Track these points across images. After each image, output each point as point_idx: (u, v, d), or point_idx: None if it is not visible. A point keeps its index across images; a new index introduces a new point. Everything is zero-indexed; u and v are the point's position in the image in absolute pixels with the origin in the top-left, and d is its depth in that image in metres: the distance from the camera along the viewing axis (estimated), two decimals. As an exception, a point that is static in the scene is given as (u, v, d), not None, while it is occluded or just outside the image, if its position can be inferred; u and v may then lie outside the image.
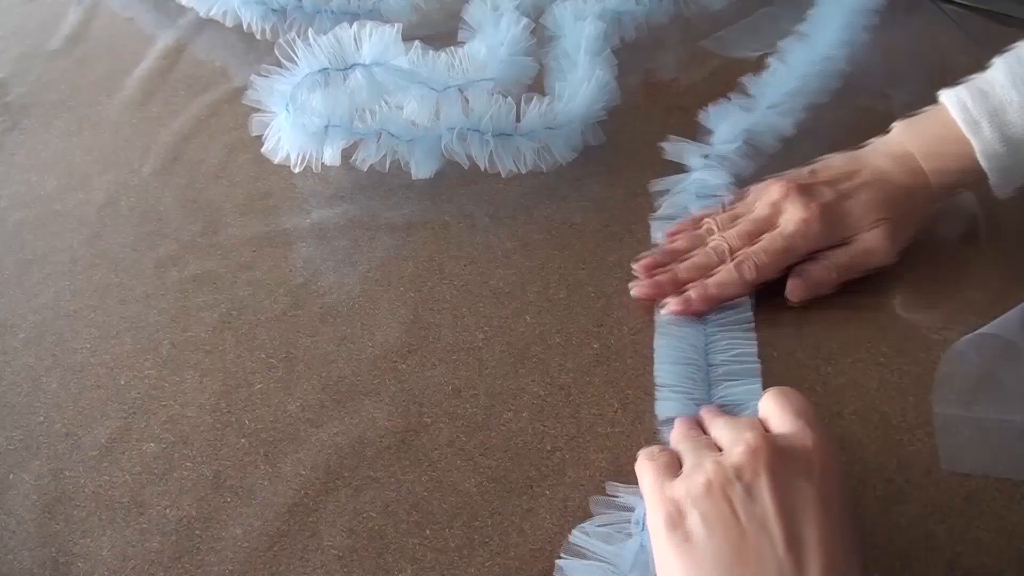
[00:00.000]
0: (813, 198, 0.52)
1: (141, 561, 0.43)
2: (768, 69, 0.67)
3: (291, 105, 0.61)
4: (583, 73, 0.66)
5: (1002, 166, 0.51)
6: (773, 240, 0.52)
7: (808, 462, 0.36)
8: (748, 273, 0.52)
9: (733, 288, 0.52)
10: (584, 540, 0.42)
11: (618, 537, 0.42)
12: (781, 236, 0.52)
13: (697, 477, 0.36)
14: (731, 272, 0.52)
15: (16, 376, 0.52)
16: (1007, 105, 0.50)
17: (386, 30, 0.61)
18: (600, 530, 0.42)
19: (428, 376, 0.51)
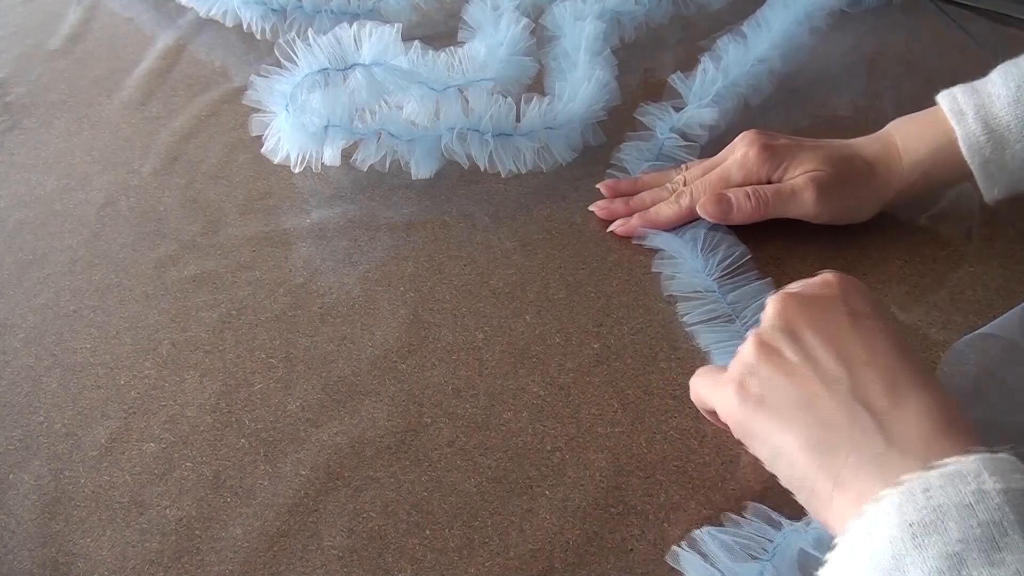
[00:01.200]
0: (764, 139, 0.56)
1: (141, 561, 0.43)
2: (699, 68, 0.67)
3: (291, 105, 0.61)
4: (583, 73, 0.66)
5: (983, 158, 0.52)
6: (713, 171, 0.57)
7: (832, 294, 0.39)
8: (683, 199, 0.57)
9: (668, 212, 0.57)
10: (708, 541, 0.41)
11: (741, 555, 0.40)
12: (720, 167, 0.57)
13: (745, 351, 0.39)
14: (670, 200, 0.58)
15: (16, 376, 0.52)
16: (995, 100, 0.51)
17: (386, 30, 0.61)
18: (725, 539, 0.41)
19: (428, 376, 0.51)
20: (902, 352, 0.36)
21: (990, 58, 0.53)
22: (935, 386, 0.36)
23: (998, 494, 0.30)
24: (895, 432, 0.34)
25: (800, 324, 0.38)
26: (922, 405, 0.35)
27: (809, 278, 0.40)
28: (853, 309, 0.38)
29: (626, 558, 0.42)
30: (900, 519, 0.31)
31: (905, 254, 0.57)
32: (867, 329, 0.37)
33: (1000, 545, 0.29)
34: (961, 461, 0.32)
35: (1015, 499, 0.30)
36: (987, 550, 0.29)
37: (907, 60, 0.74)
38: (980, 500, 0.30)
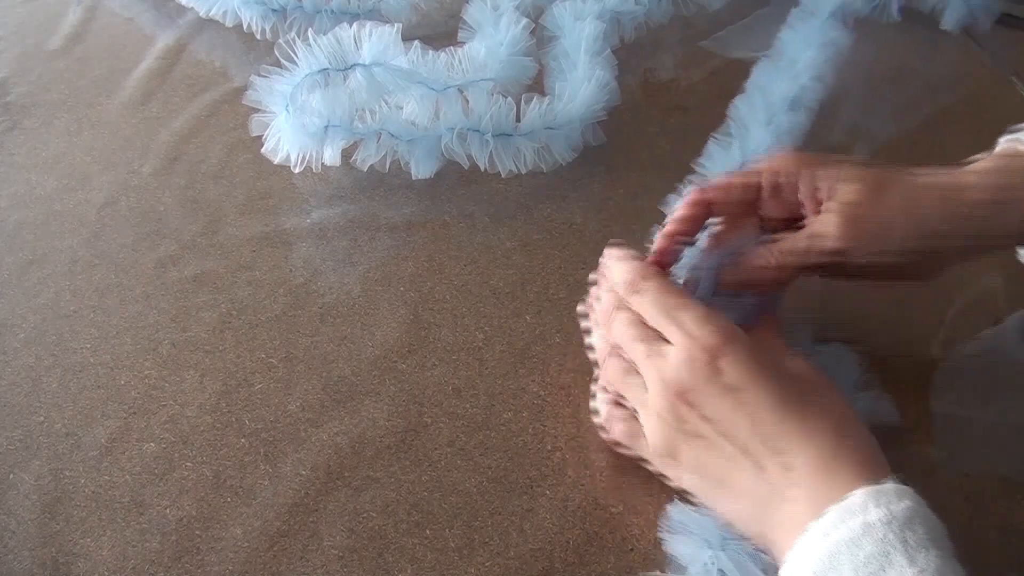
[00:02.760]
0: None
1: (141, 561, 0.43)
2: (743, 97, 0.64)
3: (291, 105, 0.61)
4: (583, 73, 0.66)
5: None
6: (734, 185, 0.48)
7: (703, 375, 0.39)
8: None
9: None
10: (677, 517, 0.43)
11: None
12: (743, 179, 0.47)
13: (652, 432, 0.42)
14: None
15: (16, 376, 0.52)
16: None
17: (386, 30, 0.61)
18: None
19: (428, 376, 0.51)
20: (784, 410, 0.38)
21: (989, 57, 0.53)
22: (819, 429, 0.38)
23: (882, 522, 0.33)
24: (791, 495, 0.37)
25: (689, 420, 0.40)
26: (808, 459, 0.37)
27: (676, 352, 0.40)
28: (728, 386, 0.39)
29: (626, 558, 0.42)
30: (807, 566, 0.34)
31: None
32: (744, 402, 0.39)
33: (887, 569, 0.32)
34: (851, 498, 0.34)
35: (898, 523, 0.33)
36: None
37: (901, 65, 0.74)
38: (866, 532, 0.33)
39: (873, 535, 0.33)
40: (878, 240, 0.43)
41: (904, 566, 0.32)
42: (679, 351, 0.40)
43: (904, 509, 0.33)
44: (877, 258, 0.43)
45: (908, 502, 0.34)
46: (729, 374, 0.39)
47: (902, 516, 0.33)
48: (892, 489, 0.34)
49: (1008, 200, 0.43)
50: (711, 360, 0.39)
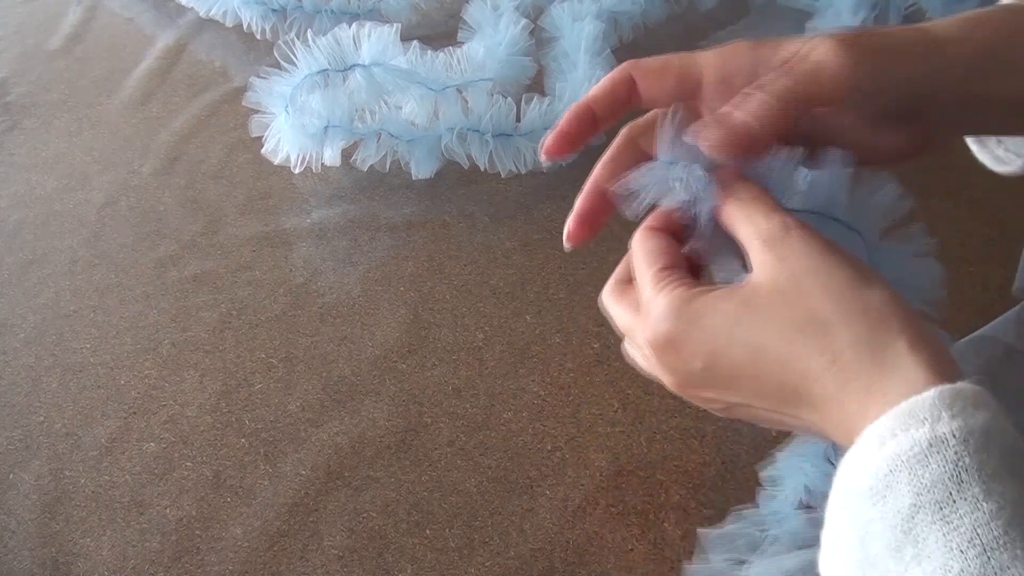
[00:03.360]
0: None
1: (141, 561, 0.43)
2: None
3: (291, 107, 0.61)
4: (583, 73, 0.66)
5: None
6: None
7: (685, 383, 0.34)
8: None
9: None
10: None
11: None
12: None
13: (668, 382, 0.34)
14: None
15: (16, 376, 0.52)
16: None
17: (385, 30, 0.61)
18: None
19: (428, 376, 0.51)
20: (791, 365, 0.32)
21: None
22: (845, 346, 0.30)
23: (955, 438, 0.27)
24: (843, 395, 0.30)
25: (707, 403, 0.34)
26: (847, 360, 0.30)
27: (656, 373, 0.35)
28: (717, 385, 0.34)
29: (626, 558, 0.42)
30: (861, 480, 0.28)
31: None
32: (743, 389, 0.33)
33: (956, 500, 0.26)
34: (917, 399, 0.28)
35: (975, 441, 0.27)
36: (941, 506, 0.26)
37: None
38: (934, 447, 0.27)
39: (944, 453, 0.27)
40: (888, 61, 0.35)
41: (979, 499, 0.26)
42: (643, 327, 0.34)
43: (982, 423, 0.27)
44: (888, 87, 0.35)
45: (985, 413, 0.27)
46: (688, 364, 0.33)
47: (979, 432, 0.27)
48: (969, 393, 0.28)
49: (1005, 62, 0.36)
50: (664, 350, 0.34)
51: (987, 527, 0.25)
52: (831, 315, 0.31)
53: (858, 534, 0.28)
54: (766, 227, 0.33)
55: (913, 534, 0.26)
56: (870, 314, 0.30)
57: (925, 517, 0.26)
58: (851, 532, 0.28)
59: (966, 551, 0.25)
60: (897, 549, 0.27)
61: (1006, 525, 0.25)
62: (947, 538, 0.26)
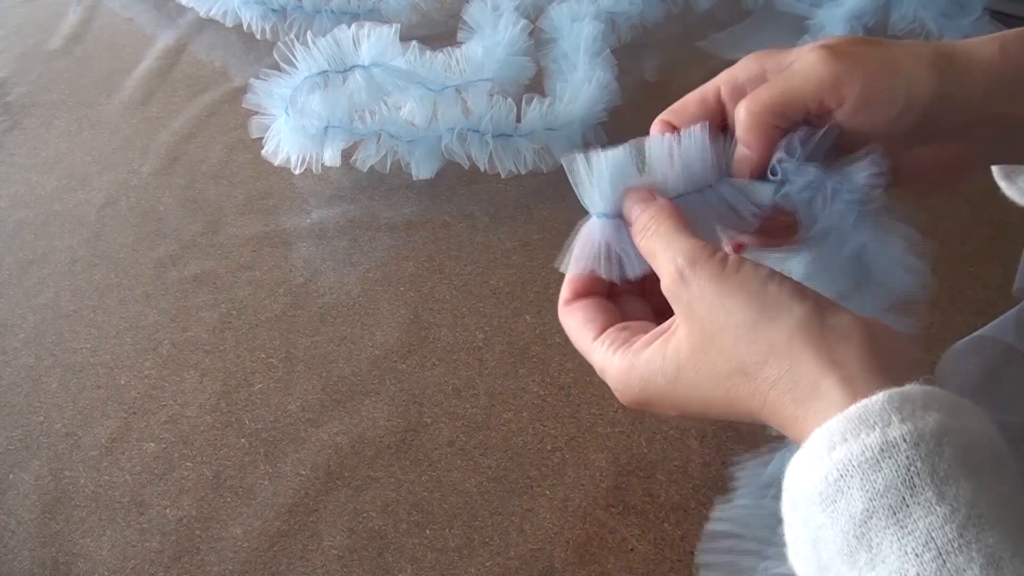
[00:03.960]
0: None
1: (141, 561, 0.43)
2: None
3: (291, 108, 0.61)
4: (583, 74, 0.66)
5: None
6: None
7: (642, 407, 0.36)
8: None
9: None
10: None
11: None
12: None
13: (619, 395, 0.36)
14: None
15: (16, 376, 0.52)
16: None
17: (384, 31, 0.61)
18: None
19: (428, 376, 0.51)
20: (738, 378, 0.33)
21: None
22: (794, 350, 0.31)
23: (905, 441, 0.26)
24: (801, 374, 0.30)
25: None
26: (800, 367, 0.31)
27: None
28: (670, 409, 0.36)
29: (626, 558, 0.42)
30: (810, 485, 0.28)
31: (905, 254, 0.57)
32: (694, 411, 0.35)
33: (909, 504, 0.26)
34: (867, 402, 0.27)
35: (926, 445, 0.26)
36: (894, 511, 0.26)
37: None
38: (886, 452, 0.26)
39: (896, 458, 0.26)
40: (881, 75, 0.35)
41: (932, 503, 0.26)
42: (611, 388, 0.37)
43: (932, 425, 0.27)
44: (885, 103, 0.35)
45: (936, 415, 0.27)
46: (664, 414, 0.36)
47: (930, 434, 0.27)
48: (920, 395, 0.27)
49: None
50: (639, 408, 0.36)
51: (941, 530, 0.25)
52: (746, 361, 0.31)
53: (810, 537, 0.28)
54: (668, 272, 0.34)
55: (867, 539, 0.26)
56: (778, 351, 0.31)
57: (879, 522, 0.26)
58: (804, 534, 0.28)
59: (921, 555, 0.25)
60: (850, 555, 0.26)
61: (960, 527, 0.25)
62: (902, 542, 0.26)
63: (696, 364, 0.33)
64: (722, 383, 0.32)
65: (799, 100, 0.35)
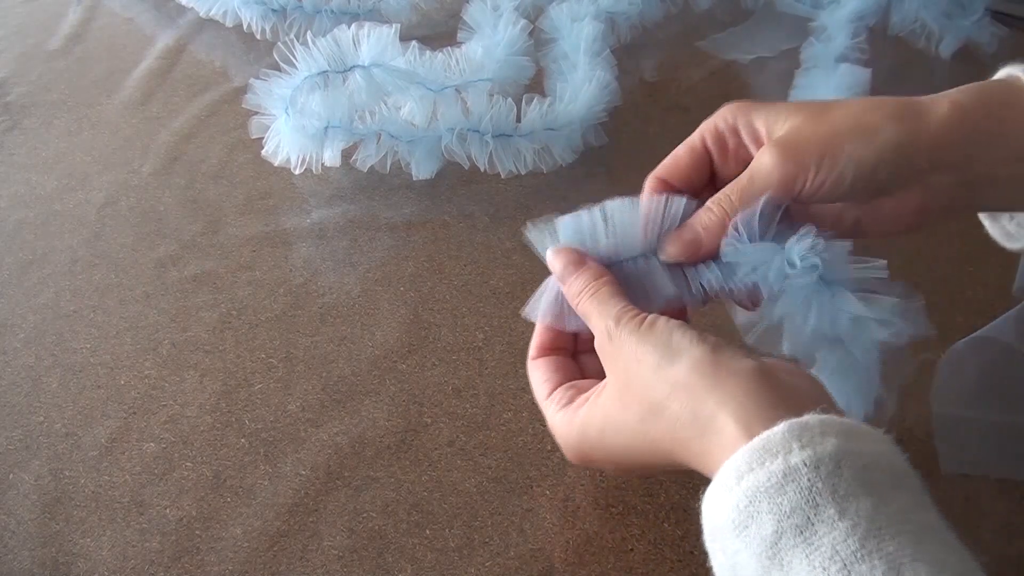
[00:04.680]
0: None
1: (141, 561, 0.43)
2: None
3: (291, 108, 0.61)
4: (583, 74, 0.66)
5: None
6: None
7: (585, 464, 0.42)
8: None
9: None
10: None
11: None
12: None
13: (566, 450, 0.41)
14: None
15: (16, 376, 0.52)
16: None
17: (384, 31, 0.61)
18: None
19: (428, 376, 0.51)
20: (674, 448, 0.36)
21: (988, 59, 0.53)
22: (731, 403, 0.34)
23: (805, 466, 0.29)
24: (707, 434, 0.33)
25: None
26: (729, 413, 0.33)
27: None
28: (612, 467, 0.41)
29: (626, 558, 0.42)
30: (723, 514, 0.30)
31: (905, 254, 0.57)
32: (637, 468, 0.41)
33: (814, 522, 0.28)
34: (768, 434, 0.30)
35: (825, 467, 0.29)
36: (801, 530, 0.28)
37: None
38: (789, 476, 0.29)
39: (799, 481, 0.29)
40: (826, 161, 0.38)
41: (834, 519, 0.28)
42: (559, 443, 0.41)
43: (831, 450, 0.29)
44: (833, 184, 0.38)
45: (833, 440, 0.30)
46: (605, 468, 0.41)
47: (828, 458, 0.29)
48: (816, 424, 0.30)
49: (987, 132, 0.38)
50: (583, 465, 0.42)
51: (845, 543, 0.27)
52: (654, 400, 0.35)
53: (729, 563, 0.30)
54: (600, 331, 0.38)
55: (778, 558, 0.28)
56: (679, 388, 0.34)
57: (788, 541, 0.28)
58: (724, 561, 0.31)
59: (828, 568, 0.27)
60: (765, 574, 0.28)
61: (862, 539, 0.27)
62: (810, 558, 0.28)
63: (618, 412, 0.37)
64: (640, 427, 0.36)
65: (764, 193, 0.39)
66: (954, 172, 0.38)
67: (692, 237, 0.40)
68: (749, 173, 0.39)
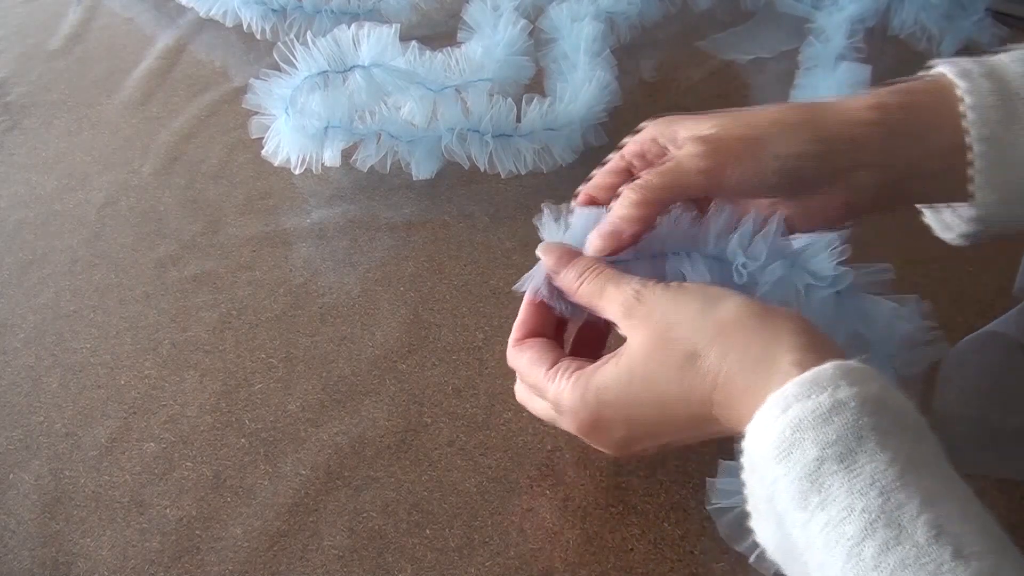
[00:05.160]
0: None
1: (141, 561, 0.43)
2: None
3: (291, 108, 0.61)
4: (583, 74, 0.66)
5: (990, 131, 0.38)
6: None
7: (594, 438, 0.40)
8: None
9: None
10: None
11: None
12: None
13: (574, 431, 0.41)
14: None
15: (16, 376, 0.52)
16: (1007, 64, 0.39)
17: (384, 31, 0.61)
18: None
19: (428, 376, 0.51)
20: (695, 406, 0.36)
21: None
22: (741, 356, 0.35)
23: (855, 401, 0.30)
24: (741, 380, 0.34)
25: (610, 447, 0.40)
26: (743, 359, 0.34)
27: (564, 421, 0.40)
28: (618, 441, 0.39)
29: (626, 558, 0.42)
30: (766, 441, 0.31)
31: (905, 254, 0.57)
32: (644, 436, 0.39)
33: (856, 452, 0.29)
34: (818, 370, 0.32)
35: (870, 405, 0.31)
36: (843, 458, 0.29)
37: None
38: (836, 409, 0.30)
39: (844, 414, 0.30)
40: (749, 156, 0.39)
41: (876, 451, 0.29)
42: (565, 420, 0.40)
43: (875, 391, 0.31)
44: (756, 177, 0.40)
45: (876, 384, 0.31)
46: (614, 435, 0.39)
47: (873, 398, 0.31)
48: (862, 369, 0.32)
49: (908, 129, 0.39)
50: (590, 433, 0.39)
51: (885, 472, 0.29)
52: (695, 346, 0.35)
53: (767, 493, 0.31)
54: (620, 299, 0.38)
55: (818, 483, 0.29)
56: (725, 331, 0.35)
57: (830, 467, 0.29)
58: (761, 491, 0.32)
59: (867, 492, 0.29)
60: (803, 499, 0.30)
61: (901, 471, 0.29)
62: (850, 483, 0.29)
63: (649, 363, 0.36)
64: (675, 375, 0.36)
65: (683, 188, 0.40)
66: (877, 170, 0.40)
67: (610, 229, 0.40)
68: (676, 160, 0.40)
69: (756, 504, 0.33)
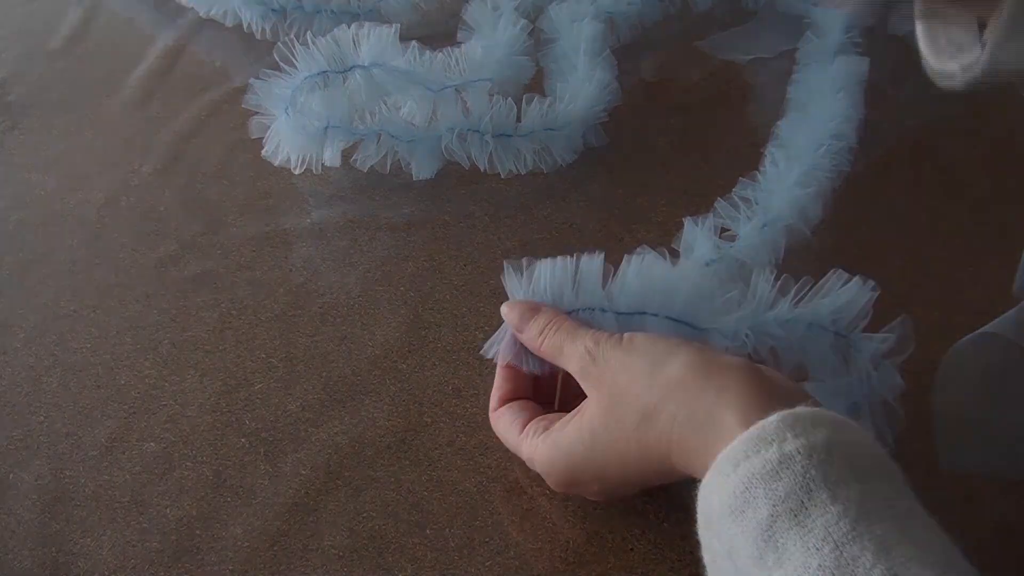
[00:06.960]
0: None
1: (141, 561, 0.43)
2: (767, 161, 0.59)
3: (291, 108, 0.61)
4: (583, 74, 0.66)
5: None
6: None
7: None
8: None
9: None
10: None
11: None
12: None
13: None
14: None
15: (16, 376, 0.52)
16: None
17: (384, 31, 0.61)
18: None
19: (428, 376, 0.51)
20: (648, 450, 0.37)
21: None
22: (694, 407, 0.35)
23: (799, 454, 0.30)
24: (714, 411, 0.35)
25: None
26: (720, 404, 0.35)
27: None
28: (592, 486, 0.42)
29: (626, 558, 0.42)
30: (720, 500, 0.31)
31: (905, 254, 0.57)
32: (615, 487, 0.42)
33: (807, 507, 0.30)
34: (763, 424, 0.32)
35: (818, 455, 0.31)
36: (795, 513, 0.30)
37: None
38: (784, 464, 0.30)
39: (793, 467, 0.30)
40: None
41: (827, 503, 0.29)
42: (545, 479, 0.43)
43: (822, 439, 0.31)
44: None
45: (824, 431, 0.31)
46: (592, 488, 0.42)
47: (820, 447, 0.31)
48: (807, 416, 0.32)
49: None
50: (569, 489, 0.42)
51: (836, 525, 0.29)
52: (646, 406, 0.36)
53: (725, 549, 0.32)
54: (576, 357, 0.39)
55: (773, 541, 0.30)
56: (672, 391, 0.35)
57: (783, 524, 0.30)
58: (719, 548, 0.32)
59: (821, 548, 0.29)
60: (760, 557, 0.30)
61: (853, 522, 0.29)
62: (804, 540, 0.29)
63: (607, 424, 0.38)
64: (632, 435, 0.37)
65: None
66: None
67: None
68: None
69: (713, 559, 0.33)
